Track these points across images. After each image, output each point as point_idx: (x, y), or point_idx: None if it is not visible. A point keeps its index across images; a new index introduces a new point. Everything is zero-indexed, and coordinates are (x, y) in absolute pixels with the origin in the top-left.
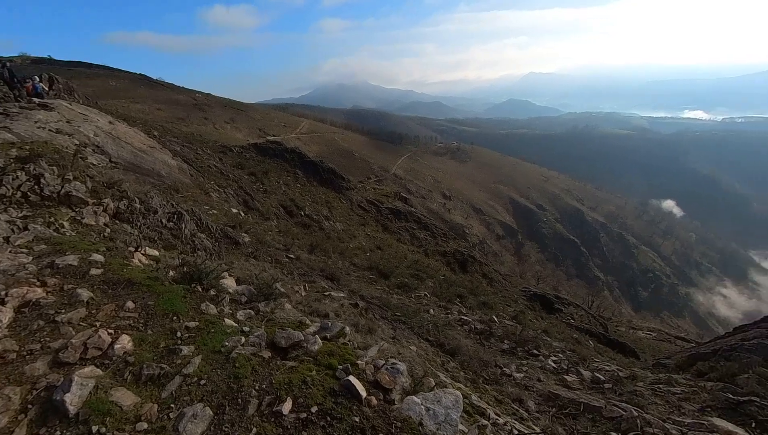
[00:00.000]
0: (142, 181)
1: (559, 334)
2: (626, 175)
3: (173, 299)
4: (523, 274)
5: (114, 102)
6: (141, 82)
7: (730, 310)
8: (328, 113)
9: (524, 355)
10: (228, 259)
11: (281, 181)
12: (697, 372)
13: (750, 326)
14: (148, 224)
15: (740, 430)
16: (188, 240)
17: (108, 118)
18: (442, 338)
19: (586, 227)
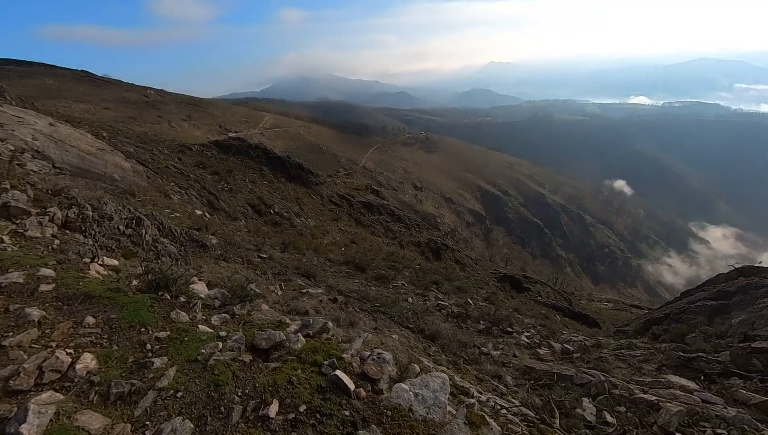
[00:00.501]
0: (92, 187)
1: (529, 311)
2: (582, 158)
3: (139, 310)
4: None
5: (53, 102)
6: (83, 79)
7: (675, 278)
8: (292, 106)
9: (499, 333)
10: (196, 264)
11: (247, 179)
12: (653, 335)
13: (694, 290)
14: (103, 232)
15: (691, 383)
16: (150, 246)
17: (48, 119)
18: (422, 324)
19: (548, 210)
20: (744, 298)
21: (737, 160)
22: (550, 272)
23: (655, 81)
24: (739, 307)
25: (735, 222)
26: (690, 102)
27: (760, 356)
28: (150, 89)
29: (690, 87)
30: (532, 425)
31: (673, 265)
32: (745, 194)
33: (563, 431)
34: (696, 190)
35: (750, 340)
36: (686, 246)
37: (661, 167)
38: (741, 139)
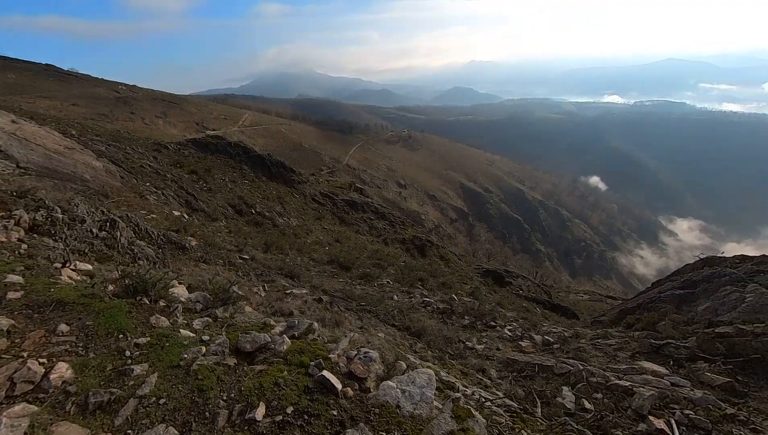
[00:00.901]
0: (62, 188)
1: (511, 305)
2: (559, 155)
3: (116, 316)
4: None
5: (15, 98)
6: (48, 74)
7: (646, 269)
8: (273, 104)
9: (483, 327)
10: (175, 266)
11: (227, 178)
12: (627, 324)
13: (663, 280)
14: (75, 236)
15: (662, 368)
16: (126, 249)
17: (10, 117)
18: (408, 321)
19: (528, 205)
20: (708, 287)
21: (702, 156)
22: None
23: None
24: (704, 295)
25: (700, 214)
26: (659, 101)
27: (723, 341)
28: (121, 85)
29: (659, 86)
30: (515, 415)
31: (644, 257)
32: (709, 188)
33: (544, 419)
34: (665, 185)
35: (714, 325)
36: (656, 238)
37: (632, 163)
38: (705, 136)
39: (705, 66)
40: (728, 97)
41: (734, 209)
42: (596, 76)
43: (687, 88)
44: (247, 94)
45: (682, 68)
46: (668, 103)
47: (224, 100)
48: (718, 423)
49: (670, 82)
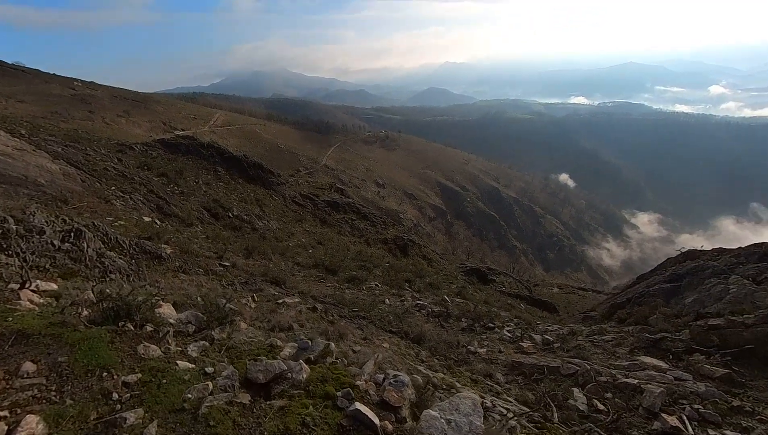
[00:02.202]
0: (12, 194)
1: (497, 302)
2: (530, 153)
3: (96, 348)
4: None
5: None
6: None
7: (612, 260)
8: (246, 103)
9: (482, 329)
10: (152, 278)
11: (200, 181)
12: (619, 319)
13: (648, 275)
14: (32, 249)
15: (662, 362)
16: (95, 262)
17: None
18: (405, 327)
19: (503, 203)
20: (693, 280)
21: (659, 153)
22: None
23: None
24: (690, 288)
25: (658, 208)
26: (621, 102)
27: (716, 332)
28: (77, 81)
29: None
30: (539, 425)
31: (610, 250)
32: (666, 183)
33: (563, 425)
34: (627, 180)
35: (702, 317)
36: (621, 231)
37: (598, 160)
38: (662, 135)
39: (660, 69)
40: (680, 99)
41: (688, 203)
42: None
43: (644, 91)
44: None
45: (640, 71)
46: (628, 105)
47: (194, 99)
48: (727, 416)
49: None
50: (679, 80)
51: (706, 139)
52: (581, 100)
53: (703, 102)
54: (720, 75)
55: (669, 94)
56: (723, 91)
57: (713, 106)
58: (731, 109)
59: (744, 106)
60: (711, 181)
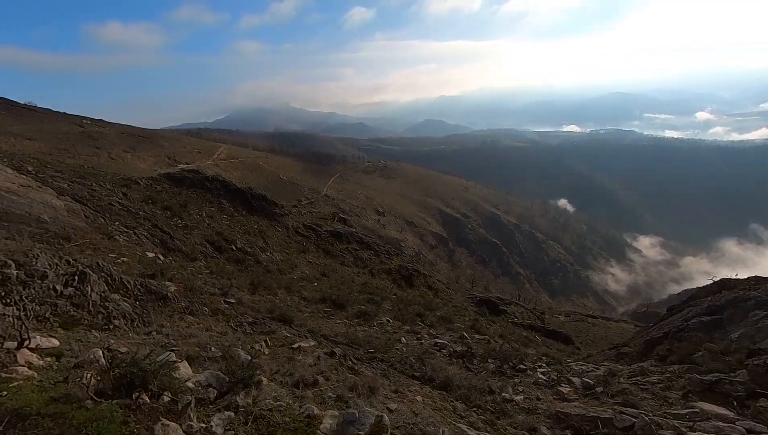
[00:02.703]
0: (14, 233)
1: (512, 335)
2: (527, 180)
3: (107, 431)
4: (458, 278)
5: None
6: (0, 107)
7: (617, 285)
8: (250, 137)
9: (513, 372)
10: (158, 322)
11: (204, 214)
12: (659, 356)
13: (681, 306)
14: (32, 296)
15: (725, 410)
16: (98, 307)
17: None
18: (430, 371)
19: (504, 229)
20: (735, 312)
21: (653, 177)
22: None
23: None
24: (733, 321)
25: (658, 231)
26: (612, 129)
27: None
28: (86, 119)
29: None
30: None
31: (615, 274)
32: (663, 206)
33: None
34: (624, 204)
35: (756, 354)
36: (624, 255)
37: (594, 185)
38: (654, 159)
39: (646, 98)
40: (668, 125)
41: (687, 225)
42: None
43: (634, 118)
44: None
45: (628, 100)
46: (620, 131)
47: (198, 134)
48: None
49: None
50: (665, 108)
51: (698, 163)
52: (573, 128)
53: (691, 127)
54: (704, 102)
55: (657, 120)
56: (709, 117)
57: (702, 131)
58: (719, 133)
59: (731, 130)
60: (707, 203)
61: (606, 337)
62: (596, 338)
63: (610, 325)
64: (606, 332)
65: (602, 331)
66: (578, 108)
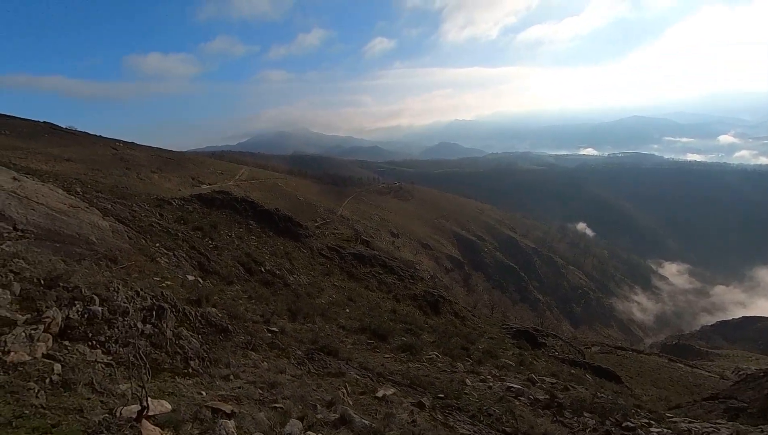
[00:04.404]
0: (66, 253)
1: (562, 373)
2: (544, 203)
3: None
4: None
5: (7, 153)
6: (45, 130)
7: (644, 315)
8: (270, 159)
9: (620, 431)
10: (225, 359)
11: (233, 234)
12: None
13: None
14: (117, 337)
15: None
16: (175, 346)
17: (11, 173)
18: (518, 425)
19: (522, 253)
20: None
21: (675, 202)
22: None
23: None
24: None
25: (684, 258)
26: (630, 153)
27: None
28: (119, 142)
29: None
30: None
31: (641, 303)
32: (687, 232)
33: None
34: (646, 230)
35: None
36: (649, 282)
37: (613, 210)
38: (676, 184)
39: (665, 122)
40: (690, 149)
41: (714, 252)
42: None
43: (653, 141)
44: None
45: (646, 124)
46: (639, 155)
47: (222, 156)
48: None
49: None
50: (686, 131)
51: (723, 187)
52: (591, 152)
53: (714, 151)
54: (726, 126)
55: (679, 144)
56: (733, 141)
57: (726, 155)
58: (745, 157)
59: (758, 154)
60: (735, 229)
61: (644, 372)
62: (637, 375)
63: (643, 359)
64: (641, 367)
65: (637, 366)
66: (595, 131)
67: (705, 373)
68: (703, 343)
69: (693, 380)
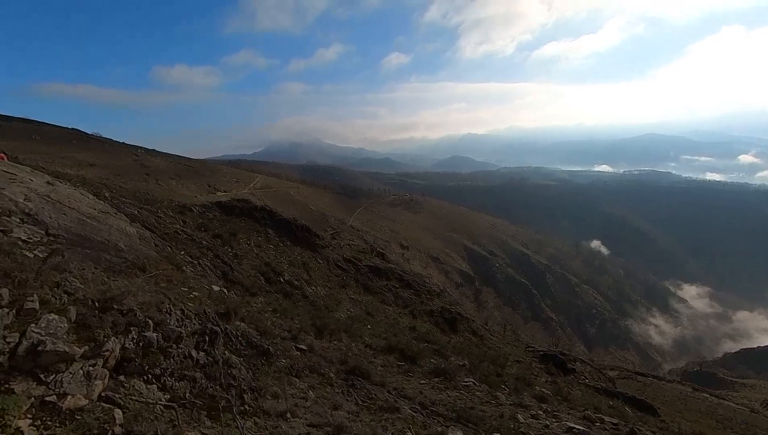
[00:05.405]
0: (96, 260)
1: (601, 406)
2: (556, 219)
3: None
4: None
5: (35, 157)
6: (72, 136)
7: (662, 338)
8: (283, 169)
9: None
10: (271, 389)
11: (252, 243)
12: None
13: None
14: (172, 369)
15: None
16: (228, 377)
17: (45, 177)
18: None
19: (533, 270)
20: None
21: (694, 222)
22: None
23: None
24: None
25: (705, 280)
26: (647, 170)
27: None
28: (140, 148)
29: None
30: None
31: (658, 326)
32: (707, 253)
33: None
34: (663, 249)
35: None
36: (667, 305)
37: (629, 228)
38: (695, 203)
39: (682, 140)
40: (709, 168)
41: (738, 275)
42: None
43: (669, 160)
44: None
45: (663, 142)
46: (655, 173)
47: (238, 165)
48: None
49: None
50: (704, 150)
51: (746, 208)
52: (605, 168)
53: (734, 171)
54: (746, 145)
55: (697, 163)
56: (754, 160)
57: (747, 175)
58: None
59: None
60: (758, 251)
61: (669, 402)
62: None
63: (665, 387)
64: (665, 396)
65: (660, 394)
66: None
67: (733, 405)
68: (727, 371)
69: (723, 413)
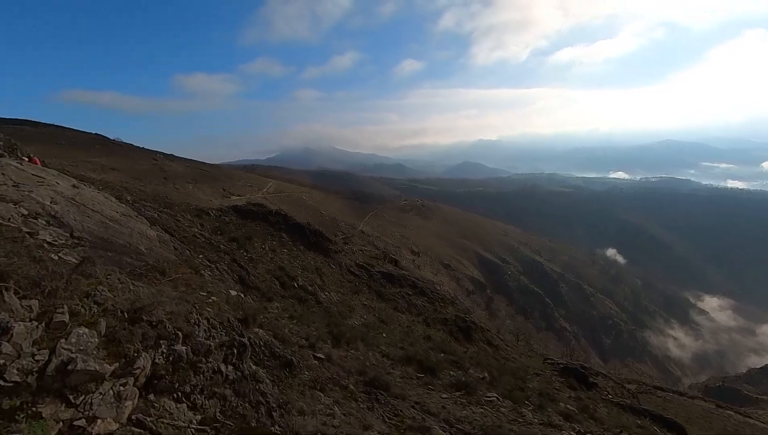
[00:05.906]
0: (118, 264)
1: (629, 425)
2: (570, 227)
3: None
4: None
5: (59, 161)
6: (95, 141)
7: (681, 352)
8: (296, 174)
9: None
10: (297, 404)
11: (266, 247)
12: None
13: None
14: (201, 385)
15: None
16: (257, 393)
17: (71, 181)
18: None
19: (547, 278)
20: None
21: (715, 230)
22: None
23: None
24: None
25: (727, 290)
26: (665, 177)
27: None
28: (159, 153)
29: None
30: None
31: (678, 338)
32: (729, 263)
33: None
34: (683, 258)
35: None
36: (687, 317)
37: (646, 236)
38: (717, 211)
39: (700, 146)
40: (730, 175)
41: (763, 287)
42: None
43: (688, 166)
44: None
45: (682, 148)
46: (674, 180)
47: (252, 170)
48: None
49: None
50: (723, 156)
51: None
52: (621, 175)
53: (757, 178)
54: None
55: (717, 170)
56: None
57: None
58: None
59: None
60: None
61: (692, 420)
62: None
63: (687, 403)
64: (688, 413)
65: (683, 411)
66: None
67: (760, 424)
68: (752, 387)
69: (750, 432)
